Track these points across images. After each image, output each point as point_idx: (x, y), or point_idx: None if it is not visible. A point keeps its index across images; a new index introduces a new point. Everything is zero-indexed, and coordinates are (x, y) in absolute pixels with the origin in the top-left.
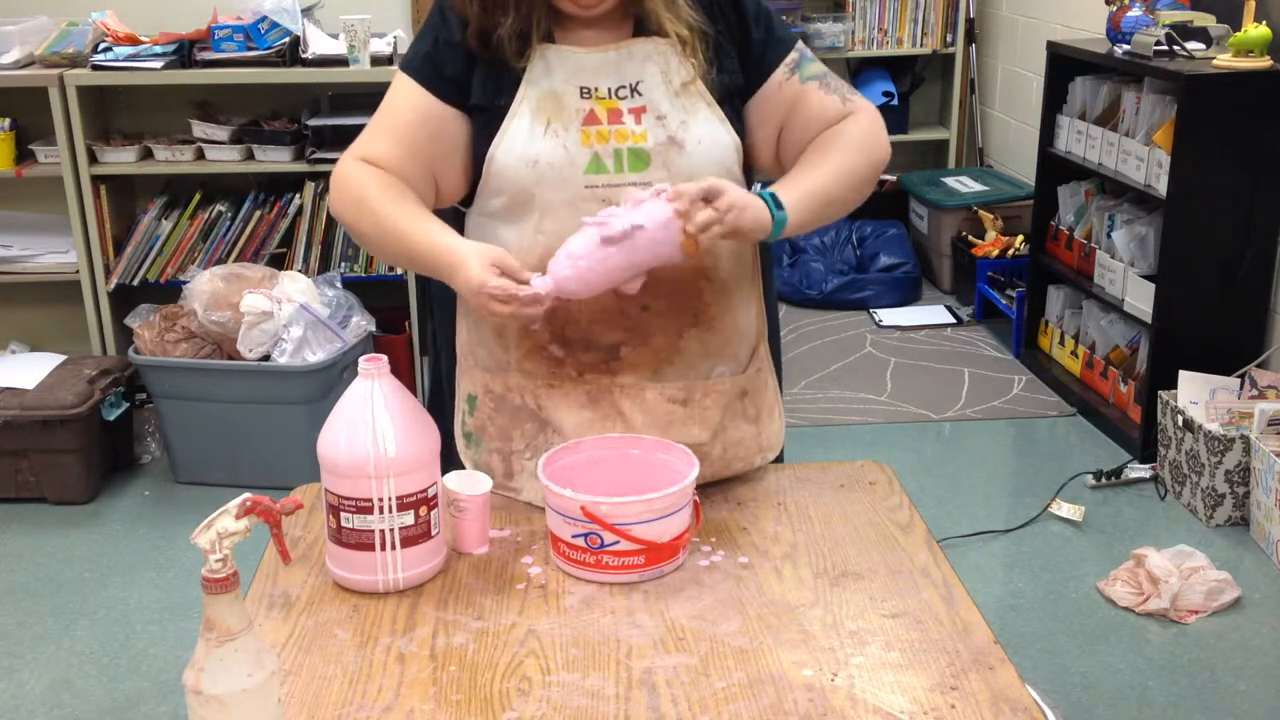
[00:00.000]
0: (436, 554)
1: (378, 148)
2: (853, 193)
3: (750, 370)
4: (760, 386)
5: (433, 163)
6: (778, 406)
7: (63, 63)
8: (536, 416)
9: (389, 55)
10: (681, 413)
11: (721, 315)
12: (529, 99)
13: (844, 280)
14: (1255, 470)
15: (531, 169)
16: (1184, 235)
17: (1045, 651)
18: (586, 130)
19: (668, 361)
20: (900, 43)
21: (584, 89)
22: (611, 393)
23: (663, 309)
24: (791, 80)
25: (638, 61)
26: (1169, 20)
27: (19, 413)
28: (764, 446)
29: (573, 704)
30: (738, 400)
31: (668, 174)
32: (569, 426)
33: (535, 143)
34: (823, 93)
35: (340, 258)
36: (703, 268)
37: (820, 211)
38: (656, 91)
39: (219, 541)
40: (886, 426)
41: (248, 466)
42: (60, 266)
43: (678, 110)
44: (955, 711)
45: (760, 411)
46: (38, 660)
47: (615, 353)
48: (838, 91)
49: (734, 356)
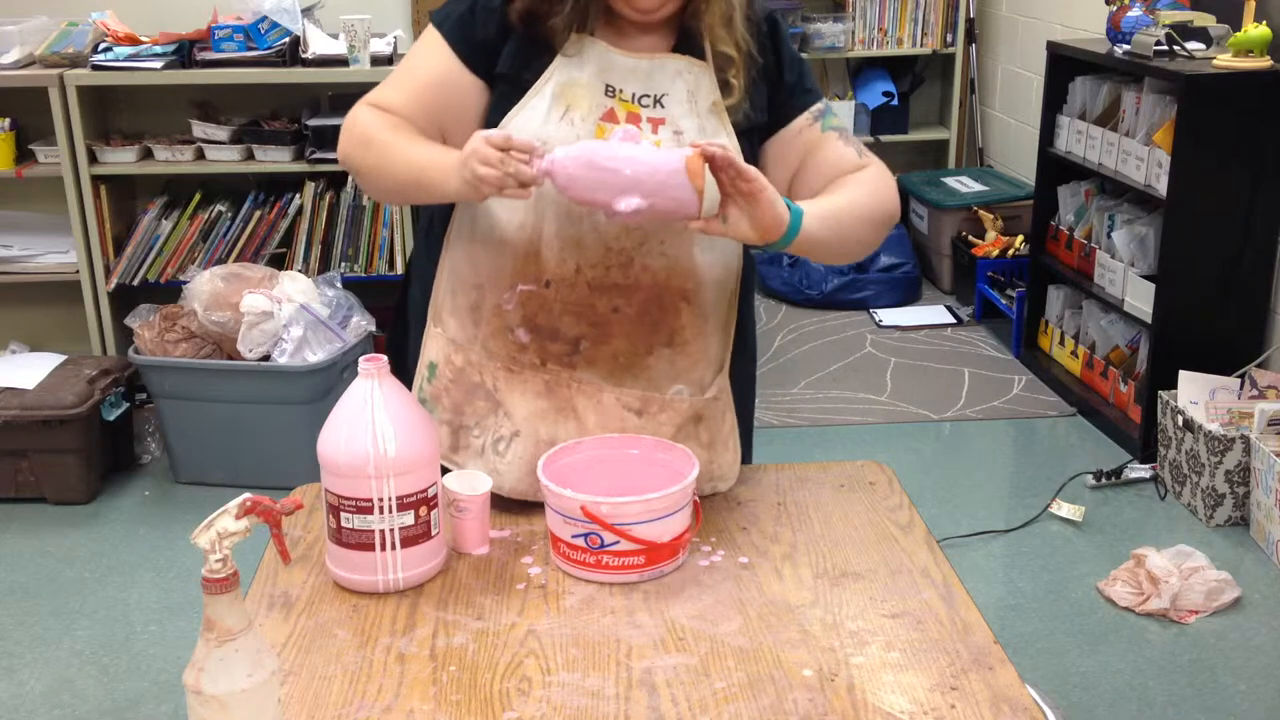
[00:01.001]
0: (436, 554)
1: (391, 98)
2: (865, 231)
3: (708, 395)
4: (716, 415)
5: (443, 125)
6: (733, 439)
7: (63, 63)
8: (491, 397)
9: (389, 55)
10: (635, 421)
11: (694, 339)
12: (554, 81)
13: (844, 280)
14: (1255, 470)
15: (540, 147)
16: (1184, 235)
17: (1045, 651)
18: (603, 125)
19: (628, 371)
20: (900, 43)
21: (609, 87)
22: (569, 387)
23: (632, 315)
24: (813, 128)
25: (668, 76)
26: (1169, 20)
27: (19, 413)
28: (715, 476)
29: (573, 704)
30: (691, 423)
31: None
32: (520, 414)
33: (549, 126)
34: (841, 144)
35: (340, 258)
36: (685, 290)
37: (834, 234)
38: (679, 108)
39: (219, 541)
40: (886, 426)
41: (248, 466)
42: (60, 266)
43: (698, 131)
44: (955, 711)
45: (714, 440)
46: (38, 660)
47: (576, 346)
48: (854, 145)
49: (697, 381)
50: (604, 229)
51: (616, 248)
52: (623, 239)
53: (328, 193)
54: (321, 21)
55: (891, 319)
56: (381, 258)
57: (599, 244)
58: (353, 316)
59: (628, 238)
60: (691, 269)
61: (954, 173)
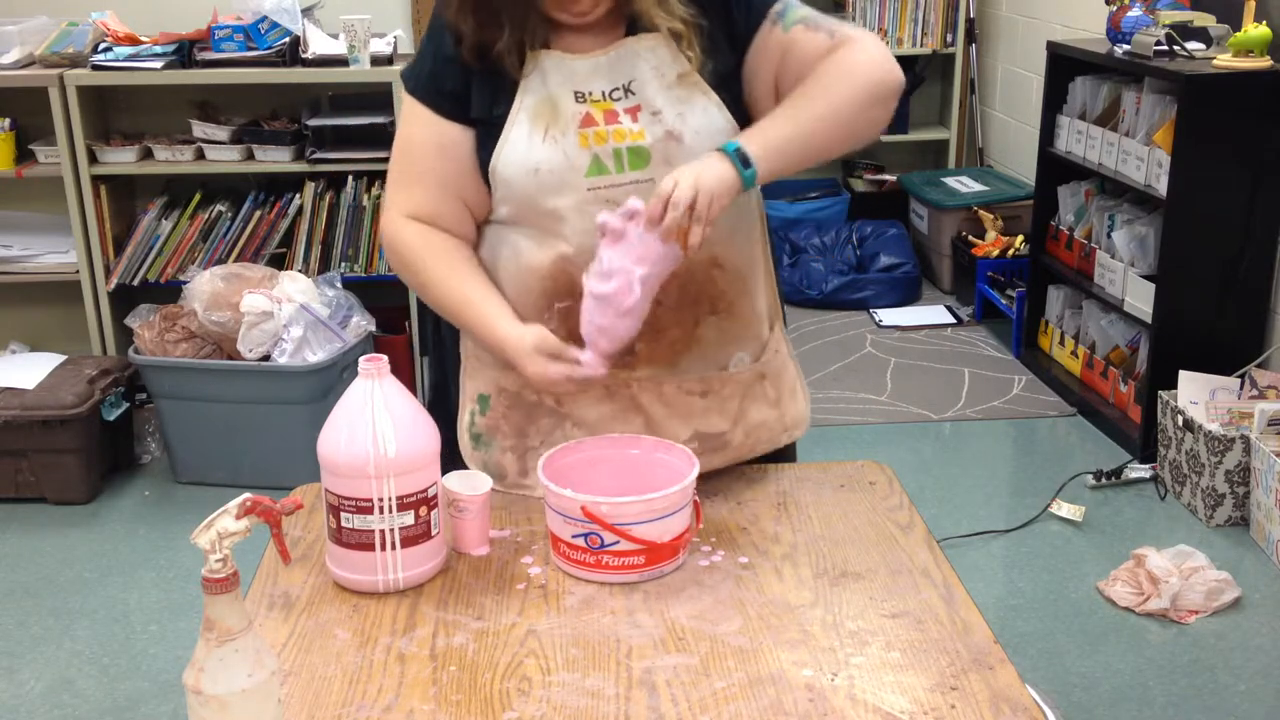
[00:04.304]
0: (436, 554)
1: (409, 199)
2: (833, 122)
3: (768, 354)
4: (779, 369)
5: (459, 187)
6: (799, 383)
7: (63, 63)
8: (555, 412)
9: (389, 55)
10: (701, 404)
11: (739, 299)
12: (526, 107)
13: (844, 280)
14: (1255, 470)
15: (533, 177)
16: (1184, 235)
17: (1045, 651)
18: (584, 133)
19: (685, 351)
20: (900, 43)
21: (578, 94)
22: (629, 386)
23: (673, 303)
24: (775, 30)
25: (629, 61)
26: (1169, 20)
27: (19, 413)
28: (788, 426)
29: (573, 704)
30: (757, 384)
31: (669, 169)
32: (591, 419)
33: (535, 151)
34: (809, 33)
35: (340, 258)
36: (712, 256)
37: (791, 149)
38: (650, 88)
39: (219, 541)
40: (886, 426)
41: (248, 466)
42: (60, 266)
43: (673, 104)
44: (955, 711)
45: (781, 393)
46: (38, 660)
47: (630, 349)
48: (824, 28)
49: (754, 339)
50: None
51: None
52: None
53: (328, 193)
54: (321, 21)
55: (891, 319)
56: (381, 258)
57: None
58: (353, 316)
59: None
60: (709, 235)
61: (954, 173)
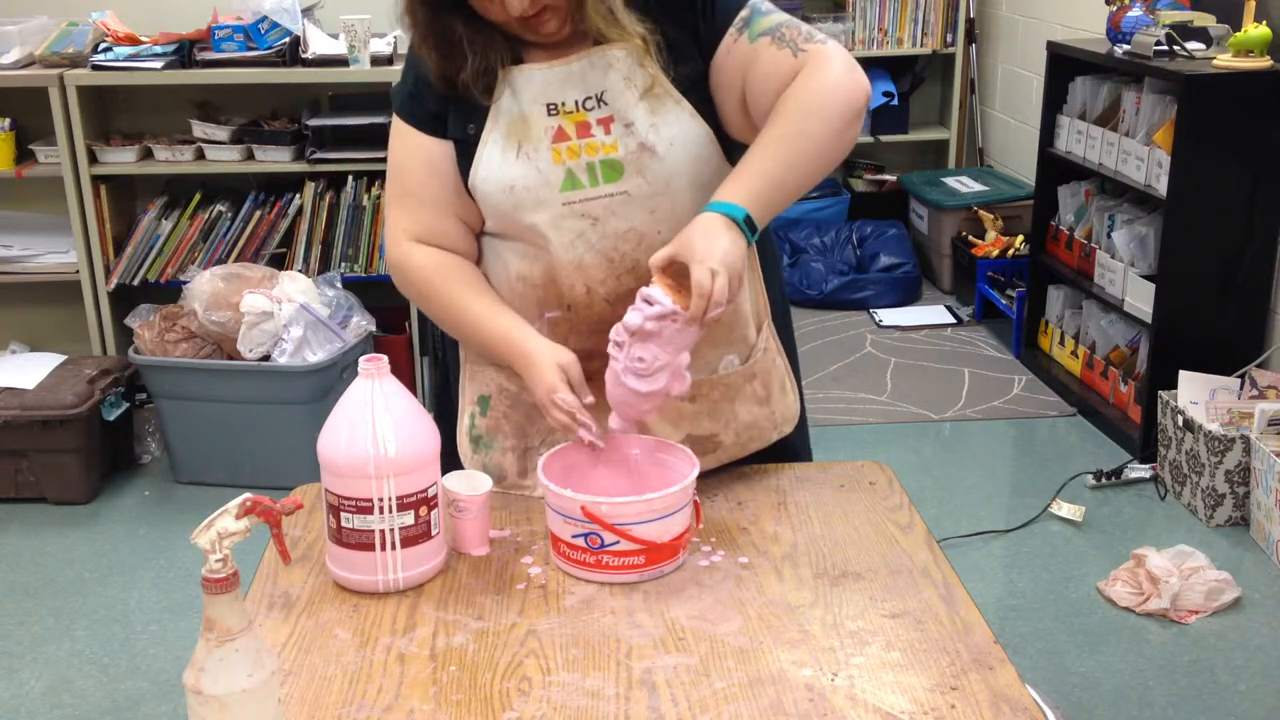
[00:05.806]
0: (436, 554)
1: (412, 222)
2: (814, 160)
3: (756, 354)
4: (768, 367)
5: (453, 204)
6: (789, 380)
7: (63, 63)
8: None
9: (389, 55)
10: (690, 408)
11: None
12: (499, 125)
13: (844, 280)
14: (1255, 470)
15: (509, 194)
16: (1184, 235)
17: (1045, 651)
18: (557, 148)
19: None
20: (900, 43)
21: (550, 105)
22: None
23: None
24: (740, 41)
25: (600, 70)
26: (1169, 20)
27: (19, 413)
28: (779, 422)
29: (573, 704)
30: (747, 385)
31: (643, 180)
32: None
33: (509, 168)
34: (774, 49)
35: (340, 258)
36: None
37: (780, 197)
38: (622, 99)
39: (219, 541)
40: (886, 426)
41: (248, 466)
42: (60, 266)
43: (645, 114)
44: (955, 711)
45: (770, 392)
46: (38, 660)
47: None
48: (790, 44)
49: (742, 341)
50: (601, 245)
51: (618, 257)
52: (621, 246)
53: (328, 193)
54: (321, 21)
55: (891, 319)
56: (381, 258)
57: (600, 261)
58: (353, 316)
59: (625, 244)
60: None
61: (954, 173)
